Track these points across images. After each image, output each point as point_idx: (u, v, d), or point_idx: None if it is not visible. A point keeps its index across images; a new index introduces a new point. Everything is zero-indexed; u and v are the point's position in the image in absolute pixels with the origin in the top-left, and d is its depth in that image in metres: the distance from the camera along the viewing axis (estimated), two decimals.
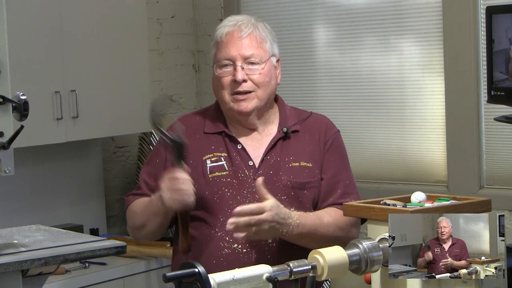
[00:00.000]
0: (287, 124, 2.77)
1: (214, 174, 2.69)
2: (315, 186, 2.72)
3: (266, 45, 2.74)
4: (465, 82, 4.03)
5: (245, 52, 2.69)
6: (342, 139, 2.86)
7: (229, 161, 2.70)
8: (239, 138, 2.74)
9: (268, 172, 2.68)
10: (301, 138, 2.76)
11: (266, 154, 2.71)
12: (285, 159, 2.71)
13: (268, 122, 2.78)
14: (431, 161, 4.24)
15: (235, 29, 2.71)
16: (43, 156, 4.19)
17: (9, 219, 3.90)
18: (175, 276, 1.89)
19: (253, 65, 2.70)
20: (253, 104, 2.70)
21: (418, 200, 2.46)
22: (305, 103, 4.68)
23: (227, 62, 2.70)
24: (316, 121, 2.83)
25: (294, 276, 2.03)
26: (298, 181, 2.69)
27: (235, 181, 2.68)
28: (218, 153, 2.72)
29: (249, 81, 2.70)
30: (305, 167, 2.71)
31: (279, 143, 2.73)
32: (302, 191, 2.70)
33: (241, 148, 2.72)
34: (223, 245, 2.64)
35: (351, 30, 4.48)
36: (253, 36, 2.71)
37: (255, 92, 2.70)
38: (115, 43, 4.17)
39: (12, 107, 2.25)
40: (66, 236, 2.61)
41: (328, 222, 2.66)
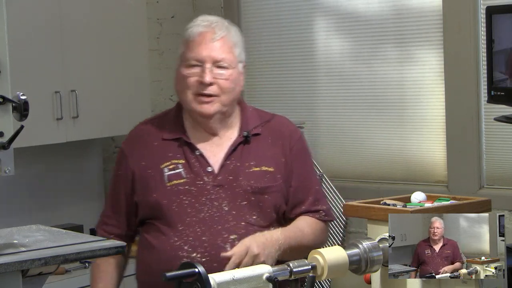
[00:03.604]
0: (248, 127, 2.70)
1: (172, 183, 2.64)
2: (277, 191, 2.66)
3: (237, 50, 2.67)
4: (465, 82, 4.03)
5: (216, 55, 2.63)
6: (305, 139, 2.82)
7: (187, 168, 2.65)
8: (198, 144, 2.68)
9: (227, 178, 2.63)
10: (262, 142, 2.70)
11: (226, 159, 2.66)
12: (245, 163, 2.65)
13: (229, 126, 2.71)
14: (431, 161, 4.24)
15: (209, 30, 2.66)
16: (43, 156, 4.19)
17: (9, 219, 3.90)
18: (175, 276, 1.89)
19: (221, 69, 2.63)
20: (215, 108, 2.64)
21: (418, 200, 2.47)
22: (305, 103, 4.69)
23: (196, 62, 2.64)
24: (279, 124, 2.76)
25: (294, 276, 2.03)
26: (259, 186, 2.63)
27: (194, 188, 2.63)
28: (176, 161, 2.67)
29: (215, 85, 2.63)
30: (267, 171, 2.65)
31: (239, 147, 2.67)
32: (263, 196, 2.64)
33: (199, 154, 2.67)
34: (182, 254, 2.59)
35: (351, 30, 4.48)
36: (225, 40, 2.65)
37: (219, 97, 2.63)
38: (115, 43, 4.17)
39: (12, 107, 2.25)
40: (66, 236, 2.60)
41: (308, 232, 2.67)
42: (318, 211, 2.72)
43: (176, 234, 2.61)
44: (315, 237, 2.69)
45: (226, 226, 2.59)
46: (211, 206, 2.61)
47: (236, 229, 2.59)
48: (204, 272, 1.87)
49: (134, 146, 2.75)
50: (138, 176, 2.70)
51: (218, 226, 2.59)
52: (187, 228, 2.60)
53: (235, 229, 2.59)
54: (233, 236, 2.58)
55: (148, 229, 2.70)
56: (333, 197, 4.37)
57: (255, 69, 4.88)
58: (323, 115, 4.62)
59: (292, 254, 2.54)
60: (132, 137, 2.80)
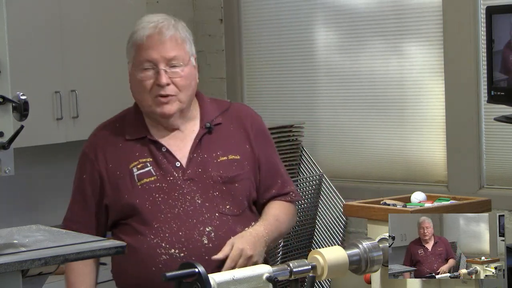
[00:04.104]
0: (209, 118, 2.72)
1: (143, 181, 2.65)
2: (246, 178, 2.68)
3: (187, 46, 2.68)
4: (465, 82, 4.03)
5: (167, 54, 2.63)
6: (264, 122, 2.85)
7: (155, 166, 2.66)
8: (162, 140, 2.69)
9: (197, 171, 2.65)
10: (225, 131, 2.72)
11: (192, 152, 2.67)
12: (212, 154, 2.67)
13: (190, 119, 2.72)
14: (431, 161, 4.24)
15: (156, 31, 2.66)
16: (43, 156, 4.19)
17: (9, 219, 3.90)
18: (175, 276, 1.89)
19: (175, 67, 2.64)
20: (175, 107, 2.65)
21: (418, 200, 2.47)
22: (305, 103, 4.69)
23: (149, 65, 2.64)
24: (237, 111, 2.79)
25: (294, 276, 2.03)
26: (228, 175, 2.65)
27: (165, 185, 2.64)
28: (144, 159, 2.67)
29: (171, 84, 2.64)
30: (234, 160, 2.68)
31: (204, 138, 2.69)
32: (233, 184, 2.66)
33: (165, 150, 2.67)
34: (160, 252, 2.60)
35: (351, 30, 4.48)
36: (174, 38, 2.65)
37: (177, 96, 2.65)
38: (115, 43, 4.17)
39: (12, 107, 2.25)
40: (66, 236, 2.60)
41: (284, 219, 2.73)
42: (288, 193, 2.76)
43: (152, 232, 2.62)
44: (290, 221, 2.77)
45: (201, 219, 2.61)
46: (184, 200, 2.63)
47: (210, 221, 2.61)
48: (204, 272, 1.87)
49: (98, 149, 2.74)
50: (106, 178, 2.70)
51: (193, 220, 2.61)
52: (162, 225, 2.61)
53: (209, 221, 2.61)
54: (209, 228, 2.60)
55: (123, 230, 2.70)
56: (333, 197, 4.38)
57: (255, 69, 4.89)
58: (323, 115, 4.62)
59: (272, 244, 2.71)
60: (95, 140, 2.78)
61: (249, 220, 2.68)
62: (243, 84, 4.91)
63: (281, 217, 2.71)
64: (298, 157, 4.48)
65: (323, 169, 4.44)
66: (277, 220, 2.69)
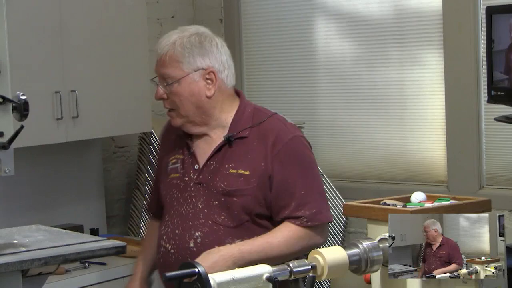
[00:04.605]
0: (235, 129, 2.74)
1: (170, 176, 2.81)
2: (247, 194, 2.67)
3: (183, 63, 2.72)
4: (465, 82, 4.03)
5: (160, 71, 2.75)
6: (302, 145, 2.76)
7: (182, 164, 2.78)
8: (194, 142, 2.79)
9: (207, 177, 2.72)
10: (247, 145, 2.72)
11: (209, 159, 2.73)
12: (225, 165, 2.71)
13: (219, 126, 2.77)
14: (431, 161, 4.24)
15: (158, 47, 2.77)
16: (43, 156, 4.19)
17: (9, 219, 3.90)
18: (175, 276, 1.89)
19: (169, 85, 2.73)
20: (178, 120, 2.76)
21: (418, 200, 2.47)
22: (305, 103, 4.69)
23: (156, 79, 2.79)
24: (268, 127, 2.75)
25: (294, 276, 2.03)
26: (229, 188, 2.68)
27: (182, 183, 2.76)
28: (178, 156, 2.81)
29: (168, 99, 2.76)
30: (242, 174, 2.69)
31: (223, 149, 2.73)
32: (232, 198, 2.68)
33: (192, 151, 2.77)
34: (161, 243, 2.77)
35: (351, 30, 4.48)
36: (169, 55, 2.72)
37: (175, 110, 2.75)
38: (115, 43, 4.17)
39: (12, 107, 2.25)
40: (66, 236, 2.61)
41: (279, 243, 2.65)
42: (299, 218, 2.67)
43: (164, 223, 2.80)
44: (289, 246, 2.66)
45: (195, 223, 2.70)
46: (190, 202, 2.73)
47: (202, 227, 2.69)
48: (204, 272, 1.87)
49: (163, 137, 2.97)
50: (159, 165, 2.94)
51: (190, 222, 2.71)
52: (170, 219, 2.77)
53: (201, 227, 2.69)
54: (198, 233, 2.68)
55: None
56: (333, 197, 4.38)
57: (255, 69, 4.89)
58: (323, 115, 4.62)
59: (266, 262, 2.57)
60: (162, 130, 2.98)
61: (252, 233, 2.68)
62: (243, 84, 4.91)
63: (274, 241, 2.65)
64: None
65: (323, 169, 4.44)
66: (265, 243, 2.64)
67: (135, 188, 4.53)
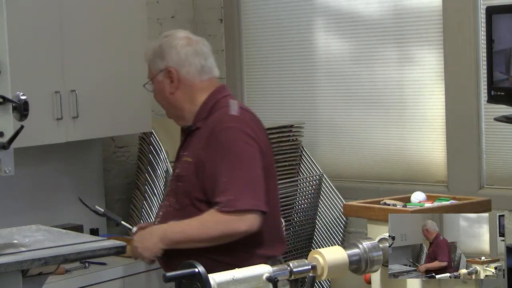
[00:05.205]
0: (195, 121, 2.98)
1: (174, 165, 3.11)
2: (188, 180, 2.91)
3: (153, 65, 3.04)
4: (465, 82, 4.03)
5: None
6: (234, 135, 2.88)
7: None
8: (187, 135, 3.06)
9: (177, 165, 3.03)
10: (199, 135, 2.95)
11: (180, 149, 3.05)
12: (184, 153, 2.99)
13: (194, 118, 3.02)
14: (431, 161, 4.24)
15: None
16: (43, 156, 4.19)
17: (9, 219, 3.90)
18: (175, 276, 1.89)
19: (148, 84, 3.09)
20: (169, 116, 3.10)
21: (418, 200, 2.47)
22: (305, 103, 4.68)
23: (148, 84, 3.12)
24: (213, 118, 2.94)
25: (294, 276, 2.03)
26: (179, 174, 2.97)
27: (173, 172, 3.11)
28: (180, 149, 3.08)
29: None
30: (187, 161, 2.94)
31: (187, 139, 3.01)
32: (178, 183, 2.96)
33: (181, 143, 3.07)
34: None
35: (351, 30, 4.48)
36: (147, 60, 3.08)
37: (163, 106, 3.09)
38: (115, 43, 4.17)
39: (12, 107, 2.25)
40: (66, 236, 2.61)
41: (198, 225, 2.86)
42: (217, 203, 2.81)
43: None
44: (206, 229, 2.84)
45: (162, 206, 3.05)
46: (169, 188, 3.06)
47: (164, 208, 3.02)
48: (204, 272, 1.87)
49: None
50: None
51: (161, 206, 3.07)
52: None
53: (163, 210, 3.02)
54: (161, 213, 3.03)
55: None
56: (333, 197, 4.38)
57: (255, 69, 4.89)
58: (323, 115, 4.62)
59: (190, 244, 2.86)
60: None
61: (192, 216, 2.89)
62: (243, 84, 4.91)
63: (193, 222, 2.86)
64: (298, 157, 4.48)
65: (323, 169, 4.44)
66: (188, 225, 2.86)
67: (135, 188, 4.53)
